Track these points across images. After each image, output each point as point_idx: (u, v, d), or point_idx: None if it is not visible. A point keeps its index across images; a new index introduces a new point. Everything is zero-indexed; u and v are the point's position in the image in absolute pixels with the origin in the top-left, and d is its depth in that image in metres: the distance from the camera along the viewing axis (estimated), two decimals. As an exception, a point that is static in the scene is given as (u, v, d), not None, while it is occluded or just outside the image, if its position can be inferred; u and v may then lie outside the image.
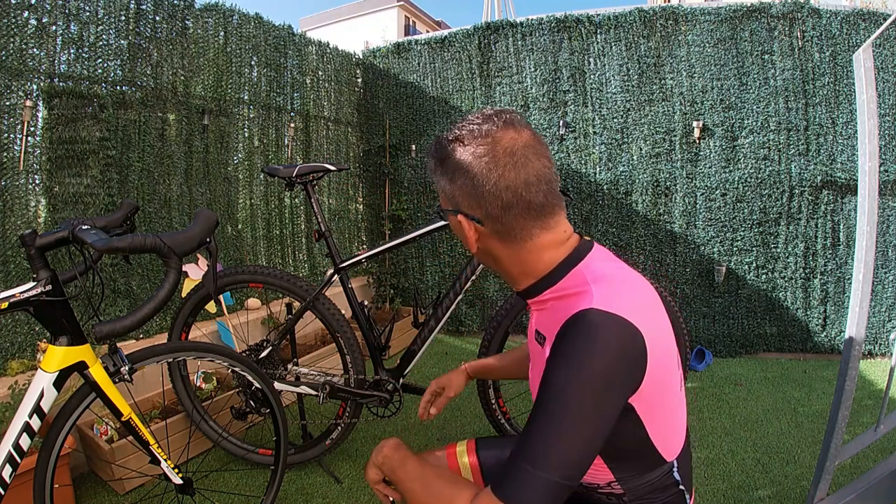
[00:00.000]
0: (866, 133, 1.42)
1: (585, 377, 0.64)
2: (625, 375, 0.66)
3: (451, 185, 0.77)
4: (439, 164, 0.78)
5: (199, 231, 0.98)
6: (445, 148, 0.77)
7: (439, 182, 0.79)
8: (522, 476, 0.63)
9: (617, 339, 0.65)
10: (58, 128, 2.08)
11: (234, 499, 1.76)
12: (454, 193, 0.77)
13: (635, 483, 0.80)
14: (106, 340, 1.00)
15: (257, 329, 2.66)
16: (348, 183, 3.79)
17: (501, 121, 0.75)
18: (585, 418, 0.64)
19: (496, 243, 0.78)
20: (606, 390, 0.65)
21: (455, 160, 0.75)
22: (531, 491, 0.62)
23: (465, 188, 0.75)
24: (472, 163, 0.74)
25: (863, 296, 1.43)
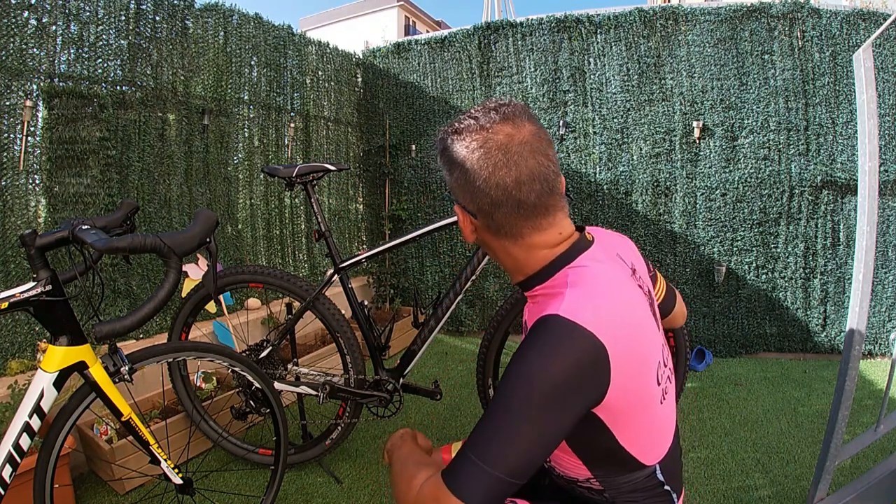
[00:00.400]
0: (866, 133, 1.42)
1: (535, 381, 0.63)
2: (579, 385, 0.65)
3: (450, 177, 0.78)
4: (441, 155, 0.79)
5: (199, 231, 0.98)
6: (445, 140, 0.78)
7: (443, 170, 0.80)
8: (469, 467, 0.64)
9: (574, 349, 0.64)
10: (58, 128, 2.08)
11: (234, 499, 1.76)
12: (452, 185, 0.78)
13: (614, 481, 0.79)
14: (106, 340, 1.00)
15: (257, 329, 2.66)
16: (348, 183, 3.79)
17: (500, 115, 0.73)
18: (531, 421, 0.64)
19: (490, 237, 0.79)
20: (556, 397, 0.64)
21: (452, 152, 0.76)
22: (474, 482, 0.63)
23: (460, 181, 0.75)
24: (466, 157, 0.73)
25: (863, 296, 1.43)
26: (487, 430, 0.65)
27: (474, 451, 0.65)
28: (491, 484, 0.63)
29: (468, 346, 3.40)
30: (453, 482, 0.64)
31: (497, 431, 0.64)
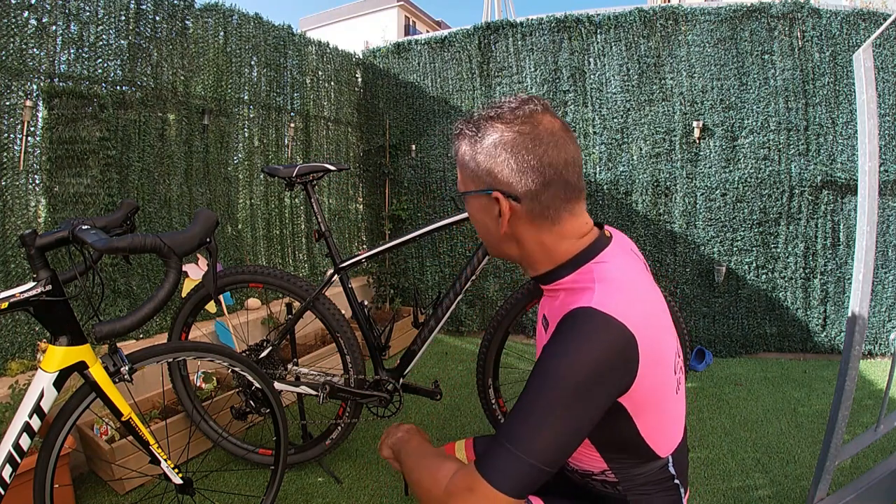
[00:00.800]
0: (866, 133, 1.42)
1: (572, 370, 0.65)
2: (611, 375, 0.67)
3: (490, 162, 0.76)
4: (474, 142, 0.78)
5: (199, 231, 0.98)
6: (483, 125, 0.77)
7: (471, 161, 0.78)
8: (504, 455, 0.65)
9: (608, 339, 0.67)
10: (58, 128, 2.08)
11: (234, 499, 1.76)
12: (492, 170, 0.76)
13: (629, 473, 0.81)
14: (106, 340, 1.00)
15: (257, 329, 2.66)
16: (348, 183, 3.79)
17: (541, 105, 0.78)
18: (567, 408, 0.66)
19: (525, 225, 0.78)
20: (590, 386, 0.66)
21: (496, 137, 0.76)
22: (509, 470, 0.65)
23: (508, 164, 0.75)
24: (517, 139, 0.75)
25: (863, 296, 1.42)
26: (523, 419, 0.66)
27: (510, 439, 0.66)
28: (525, 472, 0.64)
29: (468, 346, 3.40)
30: (488, 471, 0.66)
31: (533, 420, 0.66)
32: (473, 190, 0.80)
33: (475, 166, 0.78)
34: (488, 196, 0.78)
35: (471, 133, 0.78)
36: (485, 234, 0.84)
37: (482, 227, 0.83)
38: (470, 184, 0.81)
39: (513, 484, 0.64)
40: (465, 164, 0.80)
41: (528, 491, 0.66)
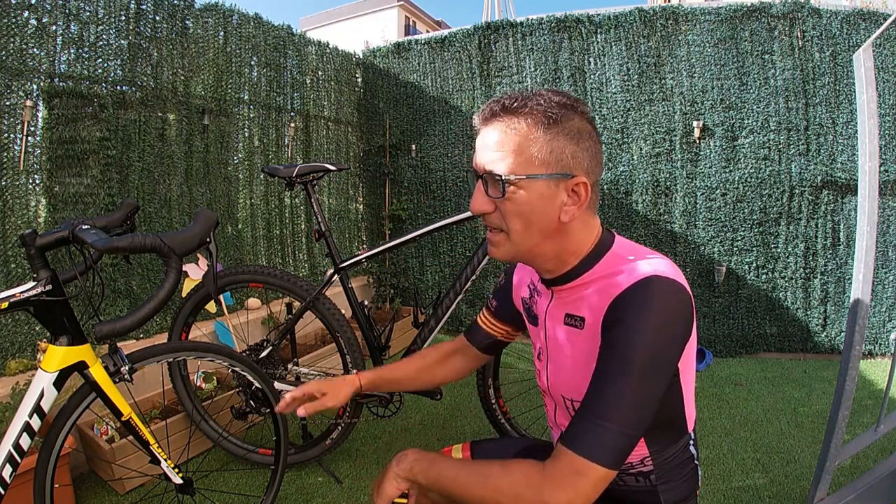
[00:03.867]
0: (866, 133, 1.42)
1: (661, 337, 0.68)
2: (684, 336, 0.72)
3: (575, 147, 0.74)
4: (556, 124, 0.73)
5: (199, 231, 0.98)
6: (567, 109, 0.74)
7: (545, 143, 0.73)
8: (601, 433, 0.67)
9: (681, 301, 0.70)
10: (58, 128, 2.08)
11: (234, 499, 1.76)
12: (576, 155, 0.74)
13: (663, 458, 0.83)
14: (106, 340, 1.00)
15: (257, 329, 2.66)
16: (348, 183, 3.79)
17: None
18: (659, 375, 0.69)
19: (582, 215, 0.78)
20: (672, 348, 0.71)
21: (579, 124, 0.75)
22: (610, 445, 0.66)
23: (589, 152, 0.75)
24: (593, 132, 0.77)
25: (863, 296, 1.42)
26: (614, 392, 0.68)
27: (604, 416, 0.67)
28: (624, 442, 0.67)
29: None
30: (591, 451, 0.66)
31: (625, 392, 0.67)
32: (543, 174, 0.73)
33: (551, 149, 0.73)
34: (557, 181, 0.74)
35: (553, 114, 0.73)
36: (529, 225, 0.76)
37: (533, 216, 0.75)
38: (535, 167, 0.73)
39: (616, 456, 0.67)
40: (531, 144, 0.73)
41: (626, 458, 0.69)
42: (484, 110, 0.77)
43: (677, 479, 0.85)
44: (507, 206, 0.75)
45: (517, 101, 0.74)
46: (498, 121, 0.75)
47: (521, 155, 0.73)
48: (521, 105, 0.73)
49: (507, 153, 0.73)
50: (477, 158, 0.78)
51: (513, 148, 0.73)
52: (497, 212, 0.77)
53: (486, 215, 0.79)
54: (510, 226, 0.76)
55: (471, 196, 0.80)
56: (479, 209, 0.78)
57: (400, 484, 0.81)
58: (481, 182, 0.77)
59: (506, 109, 0.74)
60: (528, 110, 0.73)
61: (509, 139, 0.73)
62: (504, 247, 0.79)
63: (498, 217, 0.77)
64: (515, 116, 0.73)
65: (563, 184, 0.74)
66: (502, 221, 0.77)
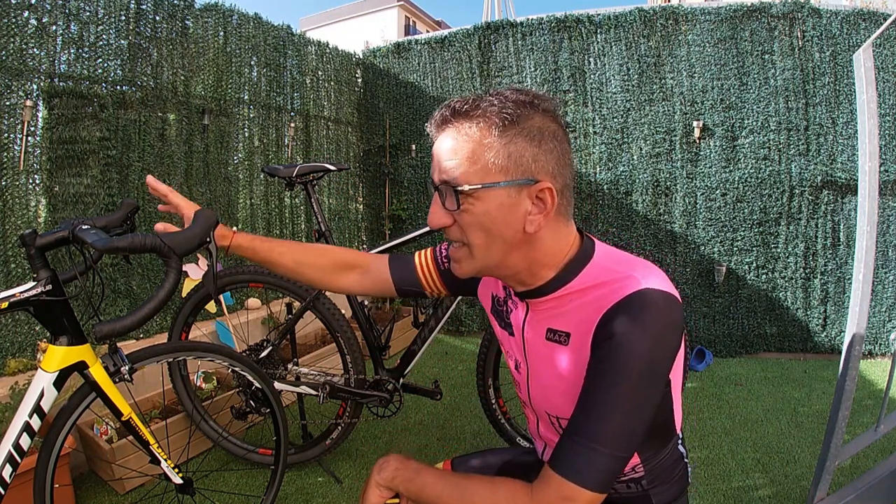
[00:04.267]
0: (866, 133, 1.42)
1: (653, 354, 0.65)
2: (676, 348, 0.69)
3: (536, 149, 0.67)
4: (513, 124, 0.66)
5: (199, 231, 0.98)
6: (525, 108, 0.68)
7: (503, 147, 0.66)
8: (591, 456, 0.64)
9: (674, 313, 0.67)
10: (58, 128, 2.08)
11: (234, 499, 1.76)
12: (538, 159, 0.67)
13: (654, 463, 0.82)
14: (106, 340, 1.00)
15: (257, 329, 2.66)
16: (348, 183, 3.79)
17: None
18: (651, 394, 0.66)
19: (551, 224, 0.71)
20: (667, 363, 0.68)
21: (540, 123, 0.68)
22: (600, 469, 0.64)
23: (554, 154, 0.68)
24: (558, 131, 0.70)
25: (863, 296, 1.43)
26: (605, 414, 0.65)
27: (596, 439, 0.64)
28: (615, 465, 0.65)
29: (468, 346, 3.40)
30: (580, 476, 0.64)
31: (616, 414, 0.64)
32: (502, 181, 0.66)
33: (508, 153, 0.66)
34: (519, 189, 0.67)
35: (510, 114, 0.66)
36: (491, 238, 0.69)
37: (494, 228, 0.69)
38: (492, 175, 0.66)
39: (606, 479, 0.65)
40: (486, 150, 0.66)
41: (614, 481, 0.67)
42: (435, 116, 0.71)
43: (669, 481, 0.84)
44: (464, 218, 0.69)
45: (468, 103, 0.68)
46: (450, 126, 0.69)
47: (476, 163, 0.66)
48: (472, 108, 0.67)
49: (460, 161, 0.67)
50: (432, 168, 0.72)
51: (466, 155, 0.67)
52: (456, 225, 0.71)
53: (445, 229, 0.72)
54: (471, 240, 0.70)
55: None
56: (437, 223, 0.72)
57: (383, 492, 0.78)
58: (437, 194, 0.70)
59: (456, 114, 0.68)
60: (480, 112, 0.67)
61: (461, 146, 0.67)
62: (467, 262, 0.73)
63: (458, 231, 0.71)
64: (467, 120, 0.67)
65: (526, 190, 0.67)
66: (463, 235, 0.71)
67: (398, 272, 1.01)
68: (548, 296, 0.75)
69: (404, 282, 1.00)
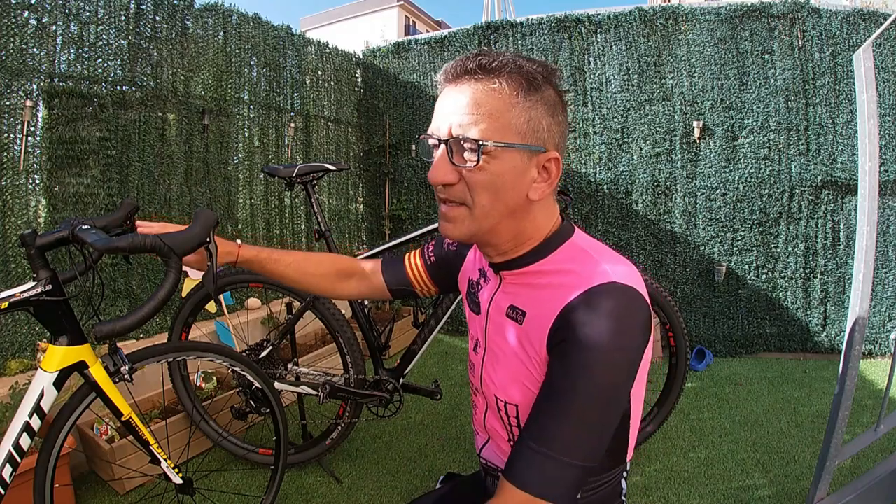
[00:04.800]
0: (866, 133, 1.42)
1: (618, 354, 0.61)
2: (642, 348, 0.64)
3: (551, 119, 0.66)
4: (536, 90, 0.64)
5: (199, 231, 0.98)
6: (543, 77, 0.66)
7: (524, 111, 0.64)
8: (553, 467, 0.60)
9: (641, 314, 0.63)
10: (58, 128, 2.08)
11: (234, 499, 1.76)
12: (551, 128, 0.66)
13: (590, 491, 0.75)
14: (106, 340, 1.00)
15: (257, 329, 2.66)
16: (348, 183, 3.79)
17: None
18: (617, 399, 0.62)
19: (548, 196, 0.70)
20: (632, 368, 0.63)
21: (554, 95, 0.67)
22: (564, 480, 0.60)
23: (562, 128, 0.68)
24: (564, 106, 0.69)
25: (863, 296, 1.42)
26: (566, 421, 0.60)
27: (554, 446, 0.60)
28: (578, 476, 0.61)
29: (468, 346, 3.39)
30: (543, 488, 0.60)
31: (576, 419, 0.60)
32: (520, 143, 0.64)
33: (529, 118, 0.64)
34: (531, 155, 0.65)
35: (531, 79, 0.64)
36: (496, 200, 0.66)
37: (503, 191, 0.66)
38: (512, 135, 0.64)
39: (569, 492, 0.60)
40: (511, 109, 0.63)
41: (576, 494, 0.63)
42: (454, 67, 0.66)
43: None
44: (476, 176, 0.65)
45: (496, 60, 0.64)
46: (471, 80, 0.64)
47: (499, 120, 0.63)
48: (500, 65, 0.64)
49: (482, 116, 0.63)
50: (439, 121, 0.67)
51: (490, 111, 0.63)
52: (461, 183, 0.66)
53: (447, 187, 0.67)
54: (476, 199, 0.66)
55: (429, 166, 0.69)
56: (443, 179, 0.66)
57: None
58: (445, 148, 0.66)
59: (483, 68, 0.64)
60: (508, 72, 0.64)
61: (487, 100, 0.63)
62: (464, 224, 0.68)
63: (462, 189, 0.67)
64: (494, 76, 0.64)
65: (536, 158, 0.66)
66: (466, 194, 0.66)
67: (390, 275, 1.02)
68: (521, 268, 0.72)
69: (396, 283, 1.02)
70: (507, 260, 0.73)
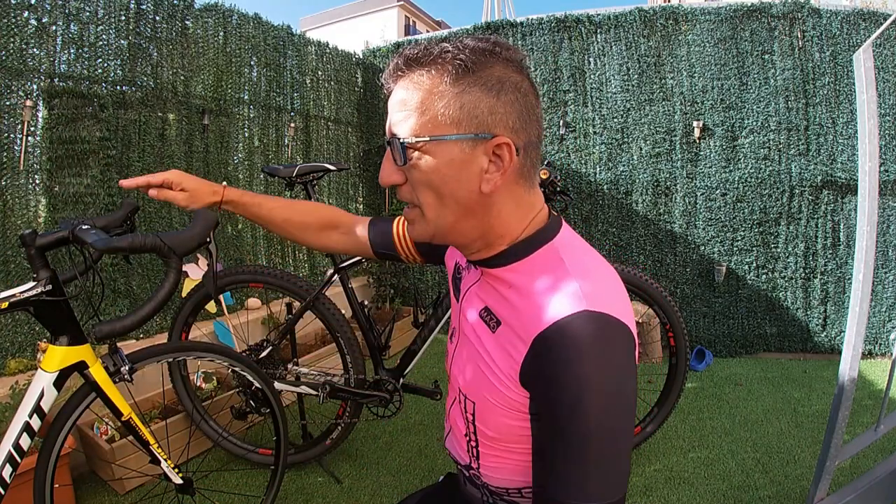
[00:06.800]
0: (866, 133, 1.42)
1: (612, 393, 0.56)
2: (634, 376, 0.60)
3: (494, 101, 0.60)
4: (468, 73, 0.59)
5: (199, 231, 0.98)
6: (483, 55, 0.60)
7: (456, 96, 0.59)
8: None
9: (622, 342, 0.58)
10: (58, 128, 2.08)
11: (234, 499, 1.76)
12: (495, 111, 0.60)
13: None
14: (106, 340, 1.00)
15: (257, 329, 2.66)
16: (348, 183, 3.79)
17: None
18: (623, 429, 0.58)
19: (510, 186, 0.64)
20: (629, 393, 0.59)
21: (500, 73, 0.61)
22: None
23: (516, 107, 0.61)
24: (522, 82, 0.62)
25: (863, 296, 1.42)
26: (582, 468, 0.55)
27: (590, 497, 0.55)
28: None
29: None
30: None
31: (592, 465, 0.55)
32: (453, 134, 0.60)
33: (461, 104, 0.59)
34: (473, 144, 0.60)
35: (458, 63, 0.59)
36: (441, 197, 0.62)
37: (445, 187, 0.62)
38: (442, 127, 0.60)
39: None
40: (436, 99, 0.60)
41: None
42: (389, 66, 0.64)
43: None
44: (413, 175, 0.62)
45: (422, 50, 0.61)
46: (402, 76, 0.63)
47: (425, 113, 0.60)
48: (425, 55, 0.61)
49: (409, 112, 0.61)
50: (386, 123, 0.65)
51: (415, 105, 0.60)
52: (408, 183, 0.64)
53: (397, 189, 0.66)
54: (423, 199, 0.63)
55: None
56: (387, 180, 0.65)
57: None
58: (390, 149, 0.64)
59: (409, 62, 0.61)
60: (432, 59, 0.60)
61: (411, 95, 0.61)
62: (420, 225, 0.66)
63: (409, 190, 0.64)
64: (420, 68, 0.61)
65: (482, 146, 0.60)
66: (413, 195, 0.64)
67: (376, 235, 1.00)
68: (497, 268, 0.68)
69: (381, 245, 0.99)
70: (482, 259, 0.69)
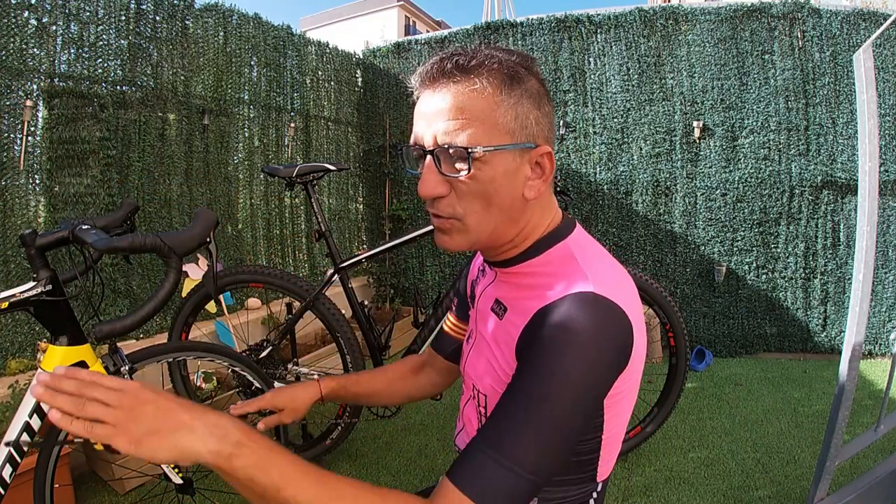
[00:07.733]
0: (866, 133, 1.42)
1: (585, 368, 0.56)
2: (616, 368, 0.60)
3: (538, 112, 0.62)
4: (519, 83, 0.61)
5: (199, 231, 0.98)
6: (523, 68, 0.62)
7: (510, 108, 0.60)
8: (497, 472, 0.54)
9: (616, 328, 0.58)
10: (58, 128, 2.08)
11: (234, 499, 1.76)
12: (540, 122, 0.62)
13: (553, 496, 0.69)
14: (106, 340, 1.00)
15: (257, 329, 2.66)
16: (348, 183, 3.79)
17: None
18: (579, 413, 0.57)
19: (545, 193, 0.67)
20: (602, 384, 0.59)
21: (534, 84, 0.63)
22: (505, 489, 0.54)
23: (549, 118, 0.64)
24: (547, 94, 0.65)
25: (863, 296, 1.42)
26: (526, 427, 0.55)
27: (503, 451, 0.55)
28: (523, 489, 0.55)
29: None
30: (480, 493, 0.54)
31: (537, 429, 0.55)
32: (511, 143, 0.60)
33: (517, 114, 0.60)
34: (522, 153, 0.61)
35: (511, 73, 0.60)
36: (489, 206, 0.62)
37: (496, 196, 0.62)
38: (501, 136, 0.60)
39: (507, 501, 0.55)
40: (496, 108, 0.59)
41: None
42: (430, 69, 0.62)
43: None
44: (467, 186, 0.61)
45: (473, 57, 0.60)
46: (449, 82, 0.60)
47: (485, 122, 0.59)
48: (478, 62, 0.60)
49: (468, 120, 0.59)
50: (421, 130, 0.63)
51: (475, 114, 0.59)
52: (451, 195, 0.63)
53: (437, 200, 0.64)
54: (468, 209, 0.62)
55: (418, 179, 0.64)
56: (432, 192, 0.62)
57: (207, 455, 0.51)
58: (433, 159, 0.61)
59: (460, 68, 0.60)
60: (487, 68, 0.59)
61: (471, 102, 0.59)
62: (459, 236, 0.65)
63: (451, 201, 0.63)
64: (474, 76, 0.59)
65: (528, 155, 0.62)
66: (456, 206, 0.63)
67: (440, 344, 0.98)
68: (514, 266, 0.69)
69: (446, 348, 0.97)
70: (503, 259, 0.70)
